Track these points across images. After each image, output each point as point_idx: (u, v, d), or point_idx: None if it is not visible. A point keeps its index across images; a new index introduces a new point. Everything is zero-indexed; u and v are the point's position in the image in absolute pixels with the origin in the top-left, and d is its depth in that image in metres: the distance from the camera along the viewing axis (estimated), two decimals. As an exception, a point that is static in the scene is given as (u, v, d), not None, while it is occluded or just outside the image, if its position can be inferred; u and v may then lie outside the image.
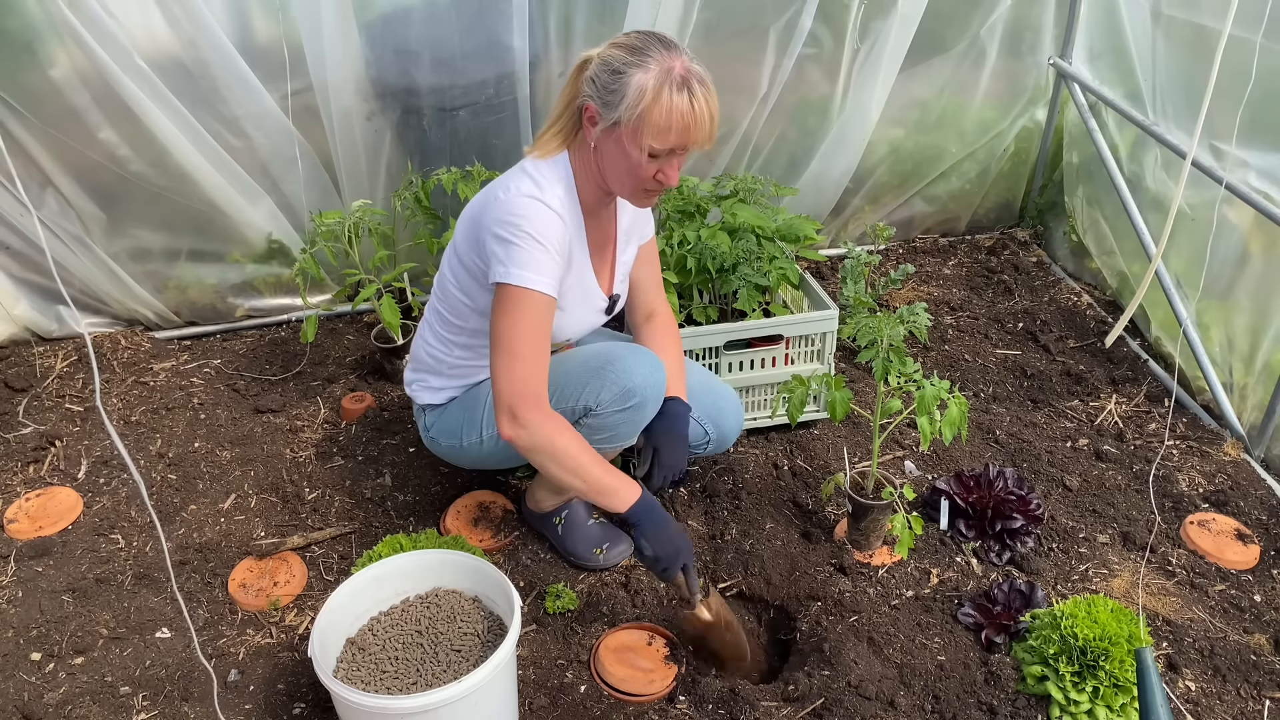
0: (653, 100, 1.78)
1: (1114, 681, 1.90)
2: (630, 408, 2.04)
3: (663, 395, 2.11)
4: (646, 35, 1.84)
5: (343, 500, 2.54)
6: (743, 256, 2.61)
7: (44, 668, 2.10)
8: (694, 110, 1.80)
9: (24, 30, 2.61)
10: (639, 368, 2.04)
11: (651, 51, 1.80)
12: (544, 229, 1.89)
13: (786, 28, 3.11)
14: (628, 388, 2.02)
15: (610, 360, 2.05)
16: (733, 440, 2.38)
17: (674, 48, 1.82)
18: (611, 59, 1.82)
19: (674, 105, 1.78)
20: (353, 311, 3.34)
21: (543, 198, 1.91)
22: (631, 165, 1.86)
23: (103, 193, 2.93)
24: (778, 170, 3.44)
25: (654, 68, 1.79)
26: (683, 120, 1.80)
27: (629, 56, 1.81)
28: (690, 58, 1.83)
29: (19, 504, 2.52)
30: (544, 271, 1.89)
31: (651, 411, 2.10)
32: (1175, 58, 2.91)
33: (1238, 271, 2.75)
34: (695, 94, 1.80)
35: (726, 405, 2.32)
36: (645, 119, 1.80)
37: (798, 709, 1.97)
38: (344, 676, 1.85)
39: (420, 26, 2.89)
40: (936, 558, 2.34)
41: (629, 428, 2.10)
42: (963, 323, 3.31)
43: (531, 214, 1.89)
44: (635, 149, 1.83)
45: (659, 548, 1.93)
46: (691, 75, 1.80)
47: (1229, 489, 2.55)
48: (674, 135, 1.81)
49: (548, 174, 1.96)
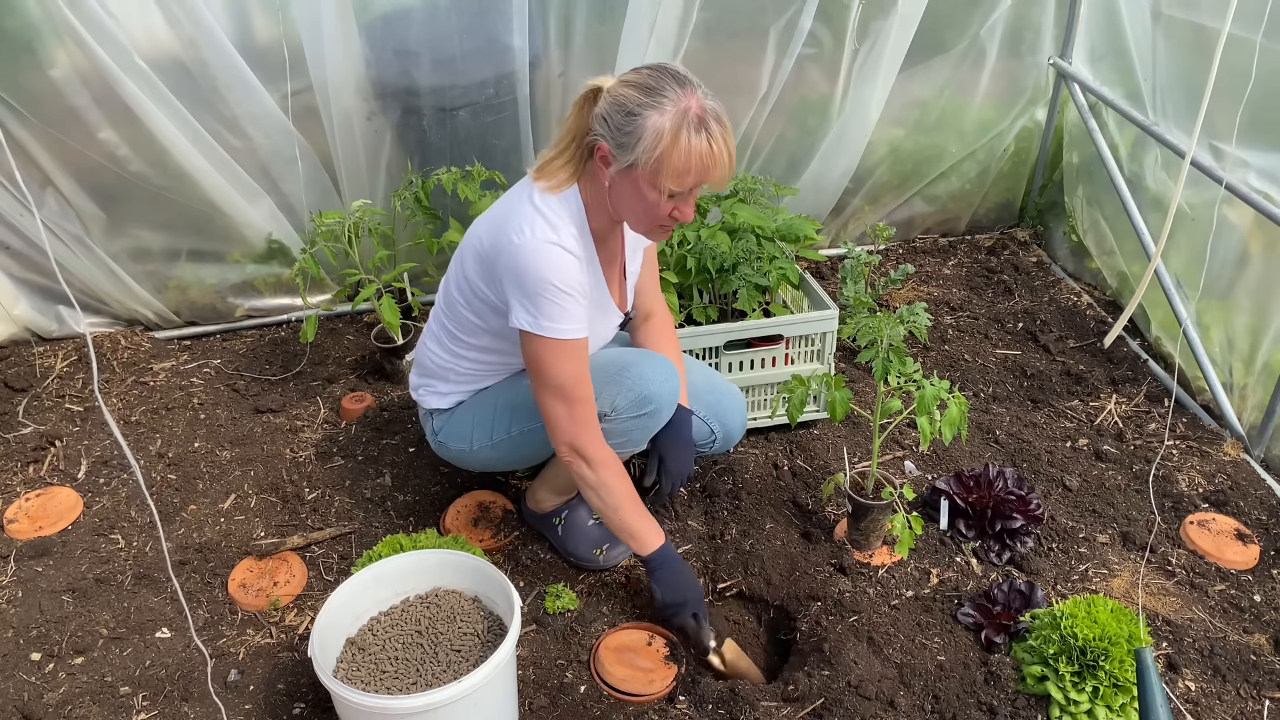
0: (671, 143, 1.76)
1: (1114, 681, 1.90)
2: (646, 414, 2.06)
3: (677, 402, 2.12)
4: (659, 72, 1.80)
5: (343, 500, 2.55)
6: (743, 256, 2.61)
7: (44, 668, 2.10)
8: (713, 151, 1.78)
9: (24, 30, 2.61)
10: (655, 375, 2.05)
11: (666, 91, 1.76)
12: (567, 278, 1.89)
13: (786, 28, 3.11)
14: (644, 394, 2.03)
15: (626, 367, 2.06)
16: (738, 438, 2.38)
17: (688, 84, 1.79)
18: (625, 99, 1.78)
19: (693, 148, 1.76)
20: (353, 311, 3.34)
21: (560, 241, 1.89)
22: (648, 205, 1.85)
23: (103, 193, 2.93)
24: (778, 170, 3.44)
25: (670, 109, 1.76)
26: (702, 162, 1.78)
27: (643, 97, 1.76)
28: (705, 93, 1.80)
29: (19, 504, 2.52)
30: (574, 319, 1.91)
31: (666, 417, 2.12)
32: (1175, 58, 2.91)
33: (1238, 271, 2.75)
34: (714, 134, 1.78)
35: (730, 403, 2.31)
36: (664, 162, 1.77)
37: (798, 709, 1.97)
38: (344, 676, 1.85)
39: (420, 26, 2.89)
40: (936, 558, 2.34)
41: (641, 434, 2.11)
42: (963, 323, 3.31)
43: (553, 265, 1.87)
44: (653, 191, 1.82)
45: (669, 596, 2.04)
46: (708, 114, 1.78)
47: (1229, 489, 2.55)
48: (693, 176, 1.80)
49: (560, 213, 1.93)
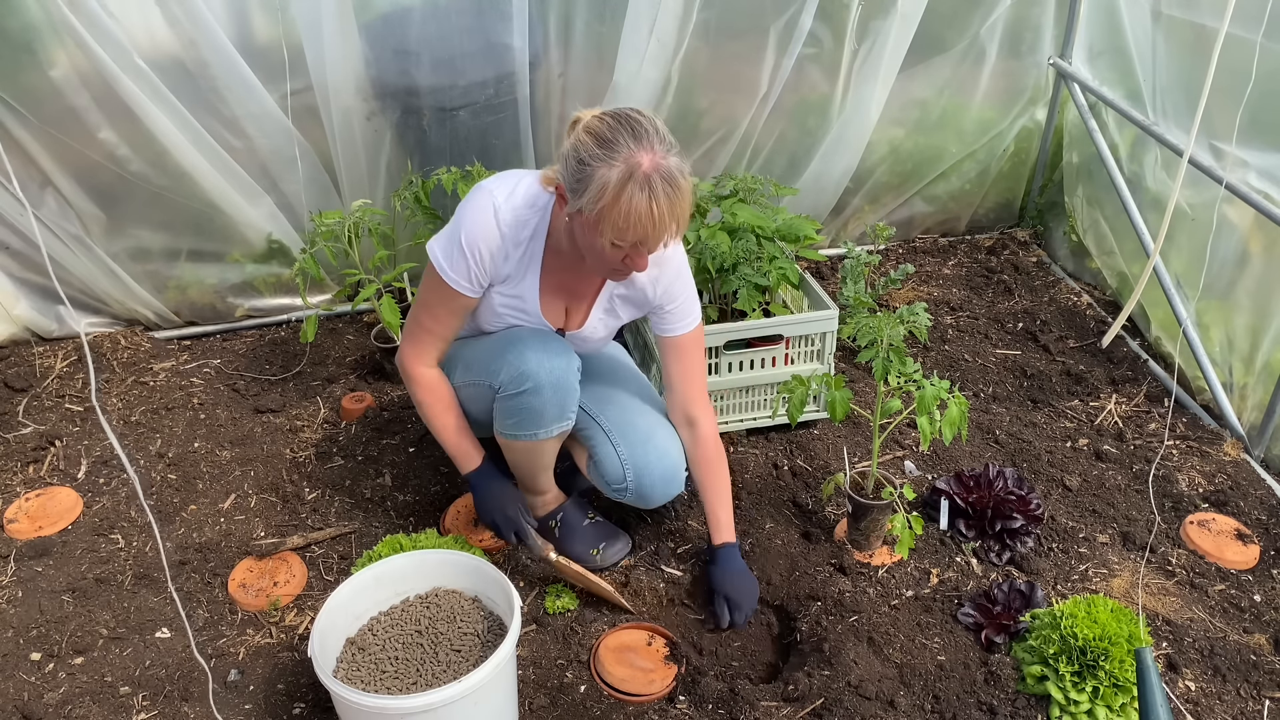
0: (612, 200, 1.74)
1: (1114, 681, 1.90)
2: (524, 392, 2.04)
3: (563, 385, 2.05)
4: (619, 122, 1.77)
5: (343, 500, 2.54)
6: (743, 256, 2.61)
7: (44, 668, 2.10)
8: (653, 214, 1.74)
9: (24, 30, 2.60)
10: (534, 353, 2.04)
11: (619, 145, 1.74)
12: (472, 233, 1.97)
13: (786, 27, 3.11)
14: (521, 372, 2.03)
15: (512, 344, 2.07)
16: (656, 501, 2.24)
17: (645, 138, 1.75)
18: (580, 147, 1.78)
19: (633, 207, 1.73)
20: (353, 311, 3.33)
21: (497, 203, 1.97)
22: (597, 251, 1.85)
23: (102, 192, 2.93)
24: (778, 170, 3.44)
25: (619, 165, 1.73)
26: (641, 222, 1.75)
27: (596, 149, 1.75)
28: (666, 149, 1.76)
29: (19, 504, 2.52)
30: (452, 265, 2.01)
31: (552, 399, 2.05)
32: (1175, 57, 2.91)
33: (1238, 271, 2.75)
34: (658, 196, 1.73)
35: (653, 460, 2.17)
36: (605, 216, 1.76)
37: (798, 709, 1.97)
38: (344, 676, 1.85)
39: (420, 26, 2.89)
40: (936, 558, 2.34)
41: (531, 414, 2.07)
42: (963, 323, 3.31)
43: (471, 214, 1.98)
44: (598, 239, 1.81)
45: (483, 514, 2.21)
46: (658, 173, 1.73)
47: (1229, 489, 2.55)
48: (632, 234, 1.77)
49: (524, 193, 1.99)
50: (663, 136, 1.78)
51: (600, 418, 2.23)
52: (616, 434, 2.20)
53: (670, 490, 2.24)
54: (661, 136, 1.78)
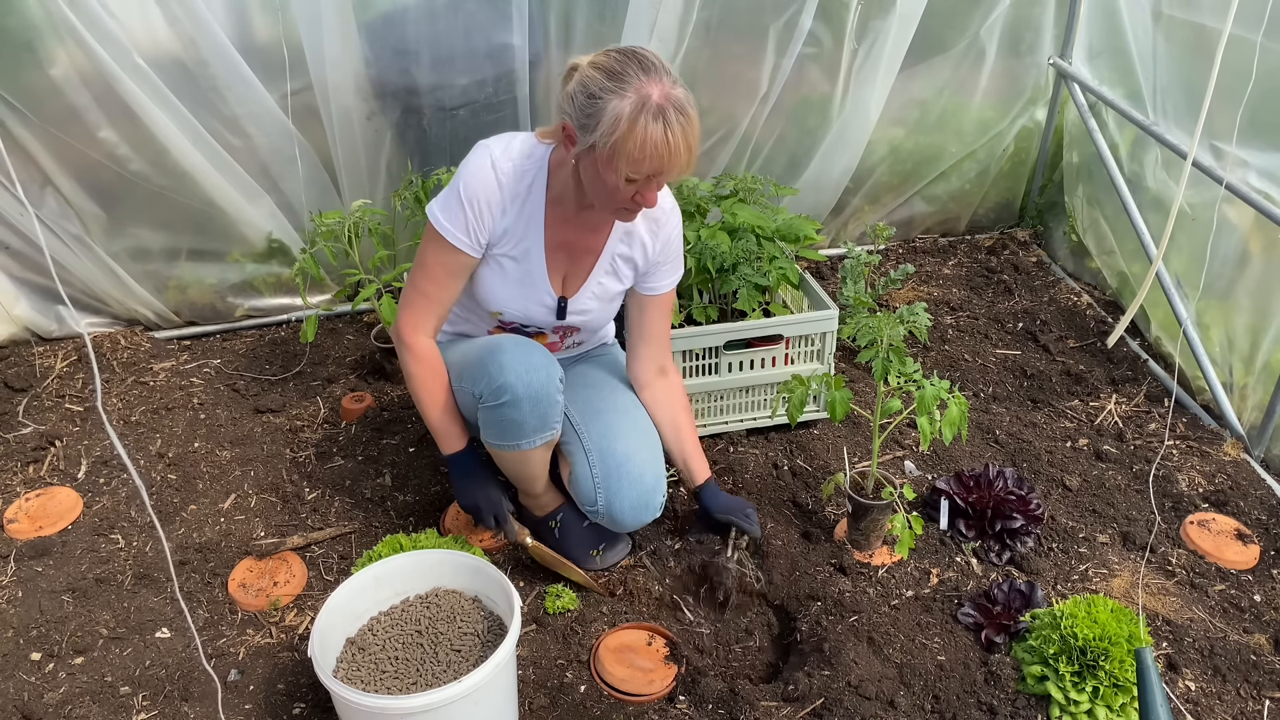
0: (627, 130, 1.75)
1: (1114, 681, 1.90)
2: (503, 404, 2.03)
3: (542, 398, 2.04)
4: (626, 56, 1.79)
5: (343, 500, 2.54)
6: (743, 256, 2.61)
7: (44, 668, 2.10)
8: (668, 142, 1.76)
9: (24, 29, 2.60)
10: (513, 365, 2.01)
11: (629, 76, 1.76)
12: (471, 185, 1.98)
13: (786, 27, 3.11)
14: (499, 384, 2.01)
15: (493, 353, 2.05)
16: (627, 528, 2.21)
17: (654, 70, 1.77)
18: (589, 82, 1.79)
19: (648, 136, 1.75)
20: (353, 311, 3.33)
21: (495, 156, 1.99)
22: (609, 188, 1.86)
23: (103, 192, 2.93)
24: (777, 170, 3.44)
25: (630, 95, 1.75)
26: (656, 151, 1.77)
27: (606, 81, 1.77)
28: (673, 81, 1.78)
29: (19, 504, 2.52)
30: (451, 219, 2.01)
31: (530, 411, 2.03)
32: (1175, 57, 2.91)
33: (1238, 271, 2.75)
34: (671, 124, 1.76)
35: (625, 486, 2.14)
36: (619, 148, 1.77)
37: (798, 709, 1.97)
38: (344, 676, 1.85)
39: (420, 25, 2.89)
40: (936, 558, 2.34)
41: (510, 425, 2.06)
42: (963, 323, 3.31)
43: (470, 166, 2.00)
44: (611, 174, 1.82)
45: (463, 499, 2.19)
46: (669, 104, 1.76)
47: (1229, 489, 2.55)
48: (648, 165, 1.79)
49: (520, 146, 2.02)
50: (668, 69, 1.80)
51: (583, 434, 2.20)
52: (595, 455, 2.17)
53: (642, 517, 2.19)
54: (667, 69, 1.80)
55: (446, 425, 2.17)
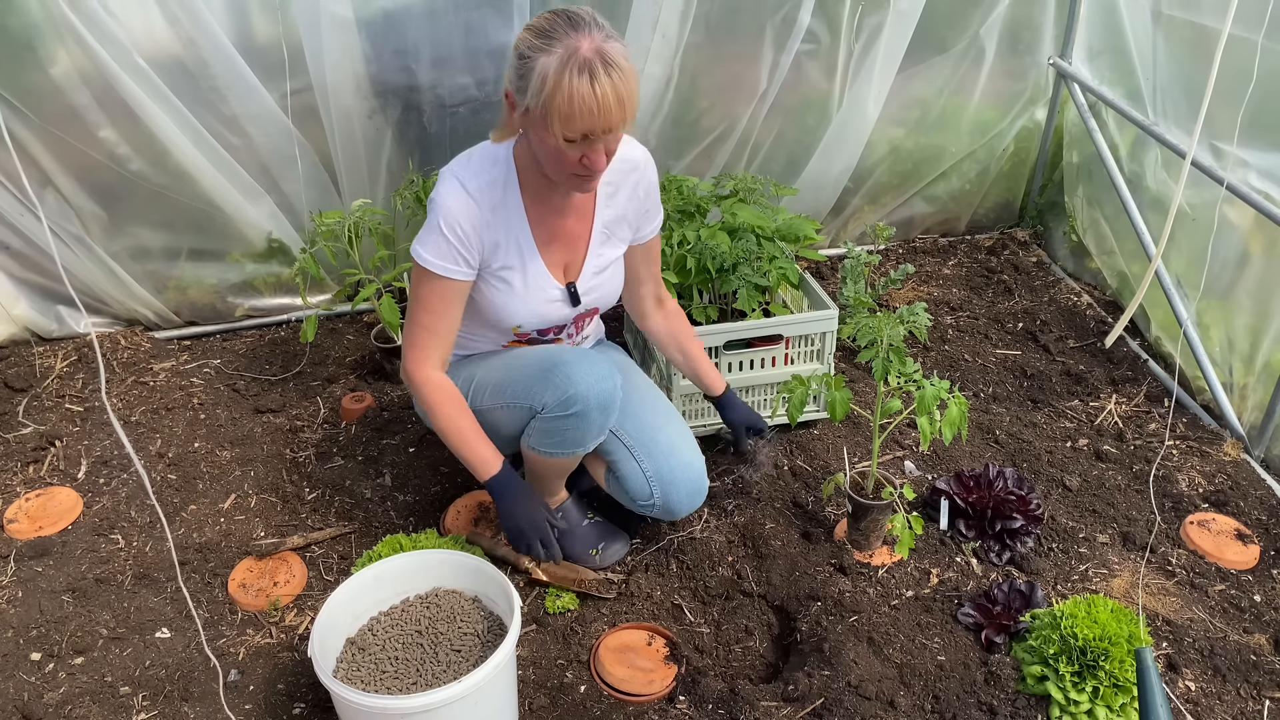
0: (554, 87, 1.72)
1: (1114, 681, 1.90)
2: (573, 415, 2.02)
3: (610, 406, 2.06)
4: (557, 14, 1.77)
5: (343, 500, 2.54)
6: (742, 256, 2.61)
7: (44, 668, 2.10)
8: (595, 94, 1.71)
9: (24, 29, 2.60)
10: (583, 376, 2.01)
11: (556, 33, 1.73)
12: (447, 213, 1.95)
13: (784, 23, 3.11)
14: (569, 395, 2.00)
15: (557, 365, 2.04)
16: (683, 514, 2.26)
17: (583, 25, 1.74)
18: (520, 43, 1.78)
19: (575, 91, 1.71)
20: (353, 311, 3.33)
21: (462, 178, 1.97)
22: (552, 152, 1.83)
23: (103, 192, 2.93)
24: (776, 169, 3.44)
25: (558, 50, 1.72)
26: (585, 105, 1.72)
27: (535, 40, 1.75)
28: (605, 36, 1.74)
29: (19, 504, 2.52)
30: (437, 253, 1.98)
31: (598, 420, 2.06)
32: (1175, 57, 2.91)
33: (1238, 271, 2.75)
34: (598, 77, 1.71)
35: (685, 480, 2.20)
36: (549, 106, 1.74)
37: (798, 709, 1.97)
38: (344, 676, 1.85)
39: (420, 24, 2.89)
40: (936, 558, 2.34)
41: (575, 434, 2.07)
42: (963, 323, 3.31)
43: (441, 194, 1.97)
44: (550, 136, 1.79)
45: (508, 523, 2.10)
46: (596, 57, 1.71)
47: (1229, 489, 2.55)
48: (579, 122, 1.74)
49: (482, 156, 2.00)
50: (601, 25, 1.77)
51: (621, 432, 2.20)
52: (640, 450, 2.19)
53: (696, 502, 2.24)
54: (600, 25, 1.77)
55: (480, 448, 2.07)
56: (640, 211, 2.19)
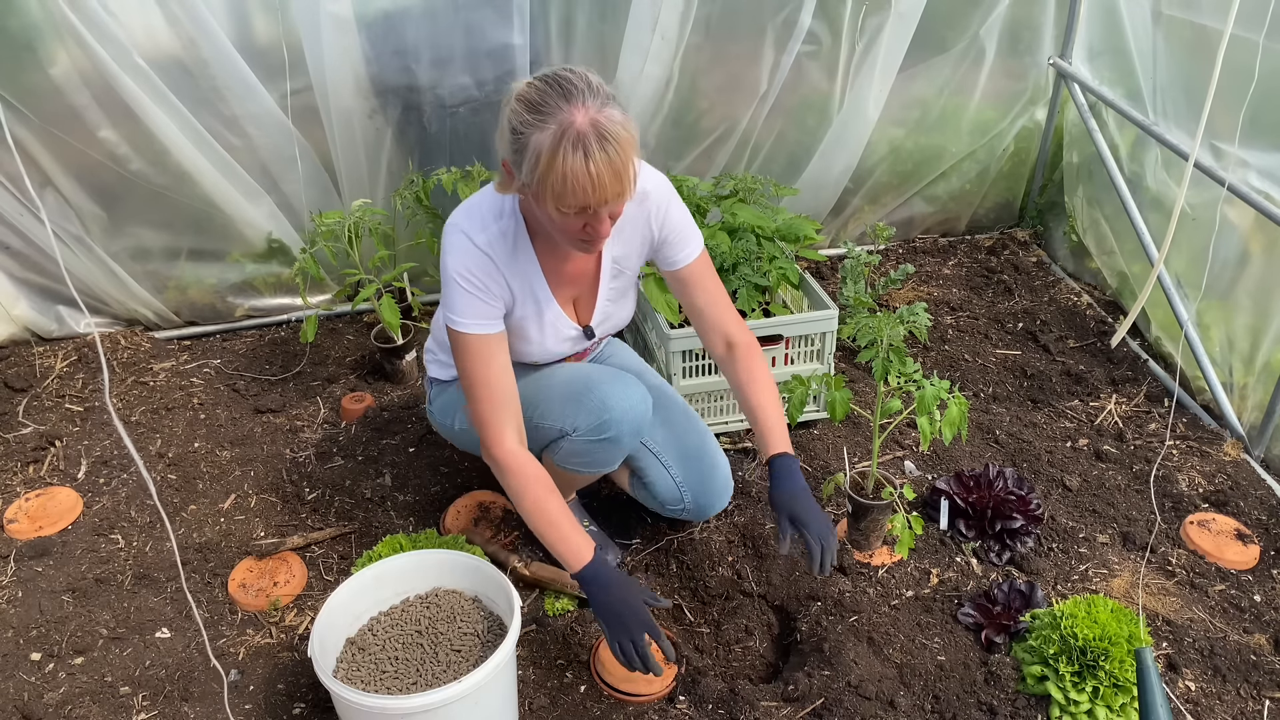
0: (548, 166, 1.64)
1: (1114, 681, 1.90)
2: (606, 440, 2.01)
3: (642, 429, 2.05)
4: (548, 84, 1.68)
5: (343, 500, 2.54)
6: (743, 256, 2.61)
7: (44, 668, 2.10)
8: (590, 172, 1.64)
9: (24, 29, 2.61)
10: (618, 401, 1.99)
11: (548, 107, 1.65)
12: (460, 268, 1.88)
13: (785, 24, 3.11)
14: (604, 420, 1.98)
15: (591, 387, 2.01)
16: (712, 514, 2.28)
17: (575, 95, 1.65)
18: (513, 117, 1.70)
19: (569, 170, 1.63)
20: (353, 311, 3.33)
21: (468, 231, 1.88)
22: (554, 222, 1.77)
23: (103, 192, 2.93)
24: (777, 169, 3.44)
25: (551, 127, 1.64)
26: (580, 184, 1.65)
27: (527, 115, 1.67)
28: (601, 102, 1.65)
29: (19, 504, 2.52)
30: (466, 313, 1.90)
31: (629, 444, 2.04)
32: (1175, 58, 2.91)
33: (1238, 272, 2.75)
34: (592, 155, 1.63)
35: (714, 481, 2.20)
36: (543, 185, 1.67)
37: (798, 709, 1.97)
38: (344, 676, 1.85)
39: (420, 24, 2.89)
40: (936, 558, 2.34)
41: (605, 456, 2.06)
42: (963, 323, 3.31)
43: (452, 250, 1.89)
44: (549, 210, 1.72)
45: (605, 618, 1.87)
46: (591, 131, 1.63)
47: (1229, 489, 2.55)
48: (574, 198, 1.67)
49: (486, 206, 1.92)
50: (595, 90, 1.67)
51: (648, 439, 2.19)
52: (667, 456, 2.19)
53: (724, 501, 2.25)
54: (595, 90, 1.67)
55: (571, 535, 1.88)
56: (657, 241, 2.07)
